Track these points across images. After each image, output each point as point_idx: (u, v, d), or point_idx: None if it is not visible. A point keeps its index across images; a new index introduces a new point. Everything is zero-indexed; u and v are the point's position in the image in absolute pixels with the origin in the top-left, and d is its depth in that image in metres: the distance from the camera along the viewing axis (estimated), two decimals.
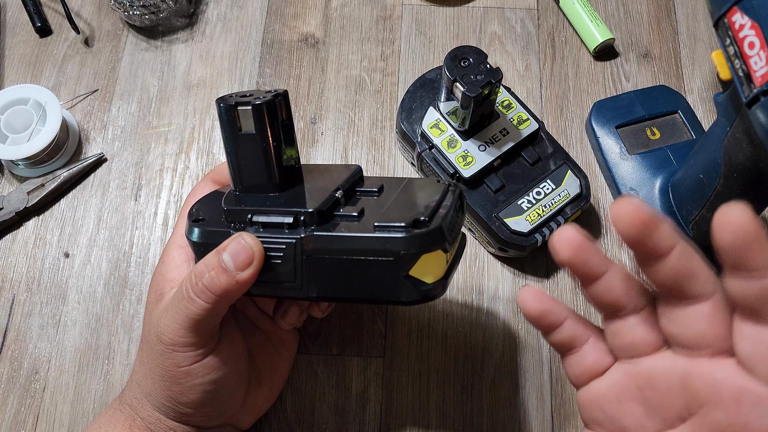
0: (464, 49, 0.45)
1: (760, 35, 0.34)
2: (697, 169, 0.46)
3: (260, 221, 0.35)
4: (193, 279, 0.35)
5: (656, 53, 0.59)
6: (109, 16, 0.62)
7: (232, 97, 0.36)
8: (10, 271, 0.52)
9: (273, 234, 0.35)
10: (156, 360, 0.37)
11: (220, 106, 0.35)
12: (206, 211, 0.38)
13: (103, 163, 0.56)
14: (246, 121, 0.35)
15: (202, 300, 0.34)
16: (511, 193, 0.49)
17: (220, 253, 0.34)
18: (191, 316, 0.35)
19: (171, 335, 0.36)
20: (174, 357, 0.36)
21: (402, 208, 0.35)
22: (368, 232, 0.33)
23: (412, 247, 0.33)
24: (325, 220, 0.35)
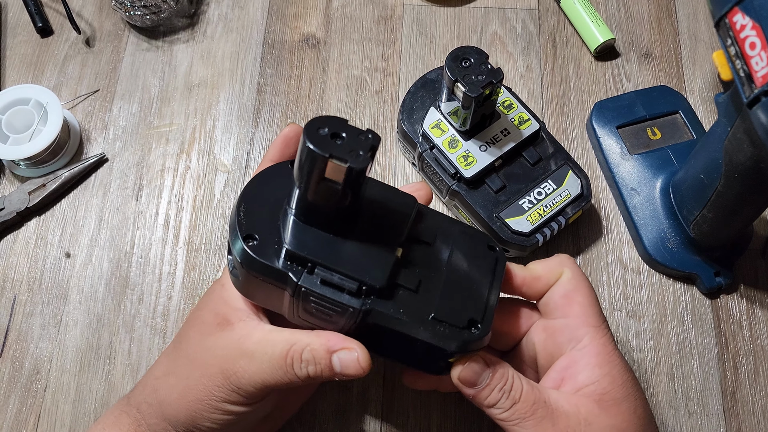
0: (465, 50, 0.45)
1: (761, 35, 0.34)
2: (697, 170, 0.46)
3: (322, 276, 0.34)
4: (299, 362, 0.35)
5: (657, 53, 0.59)
6: (110, 17, 0.62)
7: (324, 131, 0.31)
8: (12, 271, 0.52)
9: (331, 292, 0.34)
10: (205, 386, 0.36)
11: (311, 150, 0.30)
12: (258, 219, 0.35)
13: (105, 163, 0.56)
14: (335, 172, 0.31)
15: (298, 379, 0.35)
16: (512, 194, 0.49)
17: (332, 353, 0.34)
18: (279, 383, 0.35)
19: (245, 383, 0.35)
20: (230, 396, 0.36)
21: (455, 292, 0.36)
22: (424, 324, 0.34)
23: (462, 350, 0.35)
24: (385, 294, 0.34)
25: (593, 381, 0.36)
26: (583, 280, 0.38)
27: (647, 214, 0.51)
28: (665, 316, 0.50)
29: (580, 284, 0.38)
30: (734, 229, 0.47)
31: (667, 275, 0.51)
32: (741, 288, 0.51)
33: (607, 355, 0.36)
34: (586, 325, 0.37)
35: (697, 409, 0.48)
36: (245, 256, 0.34)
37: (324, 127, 0.31)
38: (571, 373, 0.37)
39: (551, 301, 0.38)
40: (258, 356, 0.35)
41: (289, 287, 0.34)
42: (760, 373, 0.49)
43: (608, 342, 0.37)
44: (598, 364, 0.36)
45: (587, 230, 0.53)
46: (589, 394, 0.36)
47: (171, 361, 0.39)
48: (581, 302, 0.38)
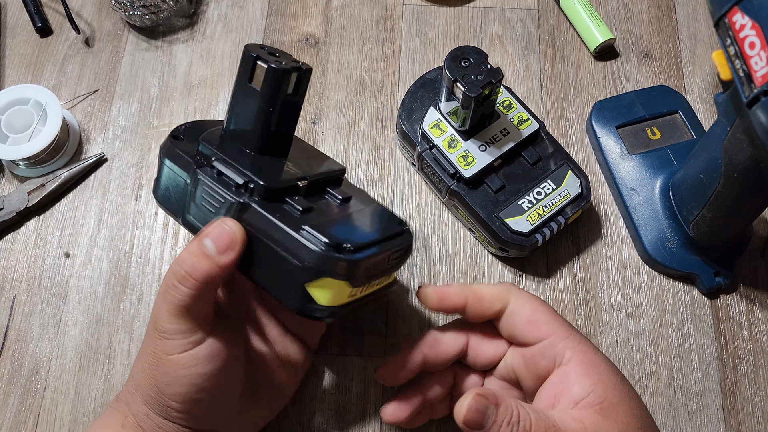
0: (465, 49, 0.45)
1: (760, 35, 0.34)
2: (697, 169, 0.46)
3: (218, 168, 0.36)
4: (175, 266, 0.35)
5: (657, 53, 0.59)
6: (109, 16, 0.62)
7: (264, 48, 0.37)
8: (11, 271, 0.52)
9: (221, 187, 0.36)
10: (149, 347, 0.38)
11: (245, 52, 0.36)
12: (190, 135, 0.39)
13: (104, 163, 0.56)
14: (258, 76, 0.36)
15: (185, 286, 0.35)
16: (511, 193, 0.49)
17: (202, 239, 0.35)
18: (177, 303, 0.36)
19: (161, 321, 0.36)
20: (164, 344, 0.37)
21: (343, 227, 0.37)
22: (293, 230, 0.34)
23: (319, 264, 0.34)
24: (271, 199, 0.36)
25: (588, 392, 0.36)
26: (533, 301, 0.39)
27: (647, 214, 0.51)
28: (665, 316, 0.50)
29: (534, 305, 0.39)
30: (734, 229, 0.47)
31: (666, 275, 0.51)
32: (740, 288, 0.51)
33: (591, 361, 0.37)
34: (560, 339, 0.38)
35: (696, 409, 0.48)
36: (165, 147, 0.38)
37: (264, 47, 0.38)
38: (563, 388, 0.37)
39: (517, 331, 0.39)
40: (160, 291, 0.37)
41: (189, 173, 0.37)
42: (760, 373, 0.49)
43: (587, 347, 0.38)
44: (587, 374, 0.37)
45: (587, 230, 0.53)
46: (589, 405, 0.36)
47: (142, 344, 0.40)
48: (546, 320, 0.38)
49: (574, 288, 0.51)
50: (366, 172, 0.55)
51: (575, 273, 0.52)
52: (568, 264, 0.52)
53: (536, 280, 0.51)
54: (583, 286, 0.51)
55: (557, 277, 0.52)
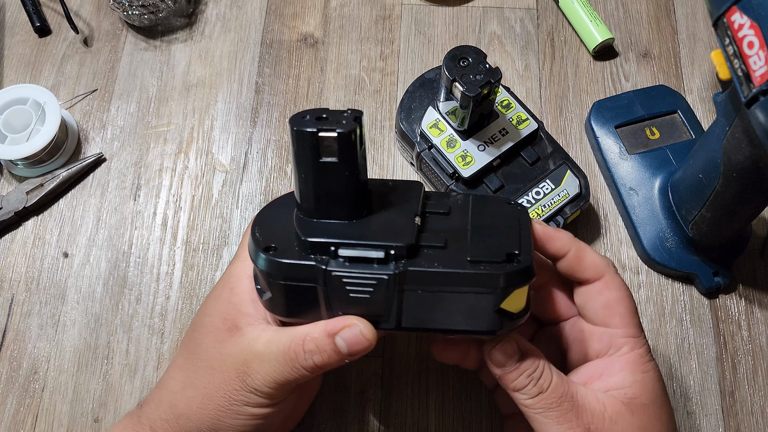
0: (463, 49, 0.45)
1: (759, 35, 0.34)
2: (696, 169, 0.46)
3: (347, 255, 0.33)
4: (302, 354, 0.34)
5: (656, 53, 0.59)
6: (108, 16, 0.61)
7: (307, 118, 0.33)
8: (9, 270, 0.52)
9: (361, 269, 0.33)
10: (224, 391, 0.36)
11: (297, 131, 0.33)
12: (274, 234, 0.36)
13: (102, 163, 0.56)
14: (329, 148, 0.33)
15: (307, 372, 0.35)
16: (510, 193, 0.49)
17: (333, 336, 0.34)
18: (290, 379, 0.35)
19: (260, 383, 0.35)
20: (249, 398, 0.36)
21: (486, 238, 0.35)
22: (463, 268, 0.33)
23: (509, 283, 0.33)
24: (414, 253, 0.34)
25: (625, 386, 0.36)
26: (623, 290, 0.38)
27: (646, 213, 0.51)
28: (664, 316, 0.50)
29: (621, 295, 0.38)
30: (733, 229, 0.47)
31: (665, 275, 0.51)
32: (739, 288, 0.51)
33: (642, 364, 0.37)
34: (625, 335, 0.37)
35: (695, 409, 0.48)
36: (269, 264, 0.34)
37: (306, 115, 0.34)
38: (603, 373, 0.37)
39: (592, 307, 0.38)
40: (266, 356, 0.35)
41: (321, 281, 0.34)
42: (759, 373, 0.49)
43: (645, 353, 0.38)
44: (632, 371, 0.37)
45: (586, 230, 0.53)
46: (619, 396, 0.36)
47: (186, 373, 0.38)
48: (622, 314, 0.38)
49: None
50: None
51: None
52: None
53: None
54: None
55: None
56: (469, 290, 0.33)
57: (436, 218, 0.37)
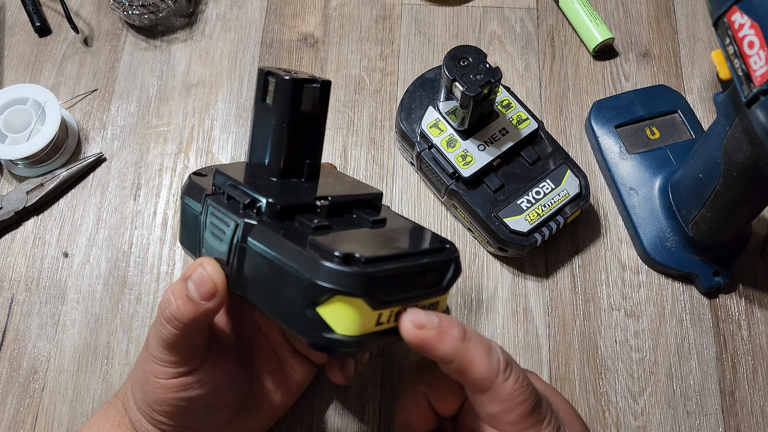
0: (463, 49, 0.45)
1: (759, 35, 0.34)
2: (696, 169, 0.46)
3: (227, 194, 0.35)
4: (163, 304, 0.35)
5: (656, 53, 0.59)
6: (108, 16, 0.61)
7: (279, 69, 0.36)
8: (9, 270, 0.52)
9: (228, 211, 0.34)
10: (141, 363, 0.37)
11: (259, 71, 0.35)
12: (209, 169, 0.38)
13: (102, 163, 0.56)
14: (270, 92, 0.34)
15: (170, 327, 0.35)
16: (510, 193, 0.49)
17: (186, 280, 0.34)
18: (165, 339, 0.35)
19: (152, 347, 0.36)
20: (153, 367, 0.36)
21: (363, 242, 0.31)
22: (298, 245, 0.30)
23: (325, 279, 0.29)
24: (283, 218, 0.33)
25: None
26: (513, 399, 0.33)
27: (646, 213, 0.51)
28: (664, 316, 0.50)
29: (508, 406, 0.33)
30: (733, 229, 0.47)
31: (665, 275, 0.51)
32: (740, 288, 0.51)
33: None
34: None
35: (695, 409, 0.48)
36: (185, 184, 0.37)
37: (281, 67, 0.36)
38: None
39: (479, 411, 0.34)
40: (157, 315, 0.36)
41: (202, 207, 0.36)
42: (759, 372, 0.49)
43: None
44: None
45: (586, 230, 0.53)
46: None
47: None
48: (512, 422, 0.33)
49: (573, 288, 0.51)
50: (365, 171, 0.55)
51: (574, 273, 0.52)
52: (567, 264, 0.52)
53: (535, 279, 0.51)
54: (582, 286, 0.51)
55: (556, 276, 0.51)
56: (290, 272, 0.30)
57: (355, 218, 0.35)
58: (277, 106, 0.34)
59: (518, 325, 0.50)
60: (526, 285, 0.51)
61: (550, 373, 0.49)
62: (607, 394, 0.48)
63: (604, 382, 0.48)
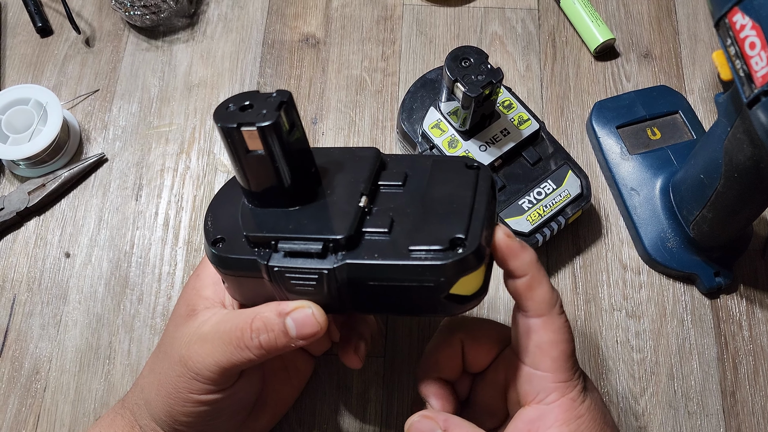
0: (465, 50, 0.45)
1: (761, 35, 0.34)
2: (697, 170, 0.46)
3: (286, 249, 0.33)
4: (249, 332, 0.34)
5: (657, 53, 0.59)
6: (109, 17, 0.62)
7: (230, 108, 0.32)
8: (11, 271, 0.52)
9: (302, 262, 0.33)
10: (170, 377, 0.36)
11: (221, 127, 0.31)
12: (223, 225, 0.35)
13: (104, 163, 0.56)
14: (253, 141, 0.32)
15: (253, 354, 0.34)
16: (511, 193, 0.49)
17: (284, 316, 0.33)
18: (233, 362, 0.34)
19: (200, 366, 0.35)
20: (191, 384, 0.35)
21: (434, 216, 0.33)
22: (403, 259, 0.32)
23: (451, 275, 0.32)
24: (355, 243, 0.33)
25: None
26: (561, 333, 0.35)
27: (647, 214, 0.51)
28: (665, 317, 0.50)
29: (556, 338, 0.35)
30: (734, 229, 0.47)
31: (666, 275, 0.51)
32: (741, 288, 0.51)
33: (574, 411, 0.35)
34: (555, 380, 0.35)
35: (696, 410, 0.48)
36: (215, 258, 0.34)
37: (230, 104, 0.32)
38: (538, 428, 0.35)
39: (524, 345, 0.36)
40: (211, 336, 0.35)
41: (265, 273, 0.33)
42: (760, 373, 0.49)
43: (578, 394, 0.35)
44: (566, 421, 0.35)
45: (587, 230, 0.53)
46: None
47: (152, 358, 0.39)
48: (554, 357, 0.35)
49: (574, 288, 0.51)
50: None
51: (575, 273, 0.52)
52: (569, 264, 0.52)
53: None
54: (583, 286, 0.51)
55: (557, 277, 0.51)
56: (412, 283, 0.32)
57: (388, 192, 0.35)
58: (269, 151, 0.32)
59: None
60: None
61: None
62: (608, 395, 0.48)
63: (605, 382, 0.48)
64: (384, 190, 0.35)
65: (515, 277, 0.35)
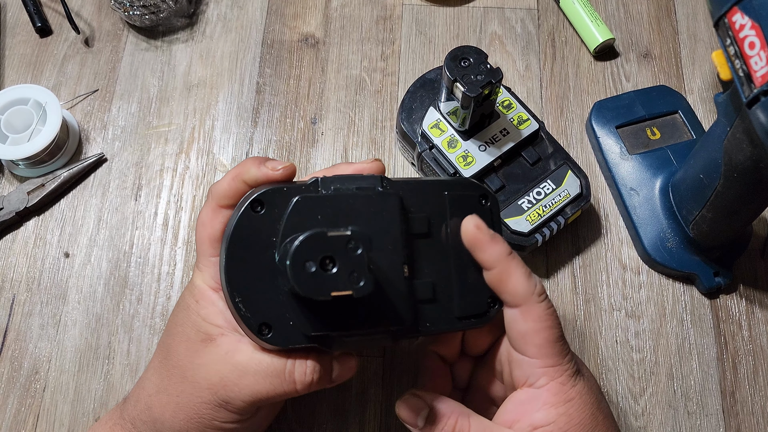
0: (464, 49, 0.45)
1: (760, 35, 0.34)
2: (697, 169, 0.46)
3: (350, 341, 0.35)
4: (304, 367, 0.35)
5: (656, 53, 0.59)
6: (109, 16, 0.62)
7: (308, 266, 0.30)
8: (11, 271, 0.52)
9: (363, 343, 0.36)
10: (194, 404, 0.36)
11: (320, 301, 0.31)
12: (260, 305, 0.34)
13: (104, 163, 0.56)
14: None
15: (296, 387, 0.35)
16: (511, 193, 0.49)
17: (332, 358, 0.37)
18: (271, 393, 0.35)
19: (233, 396, 0.35)
20: (218, 412, 0.36)
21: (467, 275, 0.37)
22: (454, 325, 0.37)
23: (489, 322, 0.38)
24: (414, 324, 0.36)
25: (549, 421, 0.35)
26: (542, 321, 0.36)
27: (646, 214, 0.51)
28: (664, 316, 0.50)
29: (538, 326, 0.35)
30: (733, 229, 0.47)
31: (666, 275, 0.51)
32: (740, 288, 0.51)
33: (564, 394, 0.36)
34: (543, 366, 0.36)
35: (696, 409, 0.48)
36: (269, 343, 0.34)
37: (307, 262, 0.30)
38: (527, 410, 0.36)
39: (510, 334, 0.37)
40: (251, 369, 0.35)
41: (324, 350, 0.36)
42: (760, 373, 0.49)
43: (568, 378, 0.36)
44: (554, 404, 0.35)
45: (586, 230, 0.53)
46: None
47: (161, 377, 0.38)
48: (539, 344, 0.35)
49: (573, 288, 0.51)
50: None
51: (575, 273, 0.52)
52: (568, 264, 0.52)
53: None
54: (582, 286, 0.51)
55: (557, 277, 0.51)
56: None
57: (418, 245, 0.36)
58: None
59: None
60: None
61: None
62: (607, 395, 0.48)
63: (604, 382, 0.48)
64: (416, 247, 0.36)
65: (487, 269, 0.36)
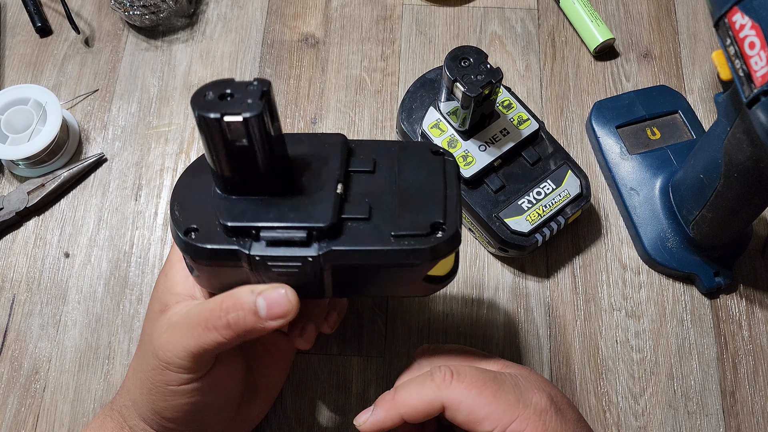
0: (464, 49, 0.45)
1: (760, 35, 0.34)
2: (697, 169, 0.46)
3: (268, 238, 0.33)
4: (217, 311, 0.33)
5: (656, 53, 0.59)
6: (109, 16, 0.62)
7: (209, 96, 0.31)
8: (11, 271, 0.52)
9: (285, 251, 0.33)
10: (147, 372, 0.36)
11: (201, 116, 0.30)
12: (194, 214, 0.35)
13: (104, 163, 0.56)
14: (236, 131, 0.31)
15: (220, 335, 0.33)
16: (511, 193, 0.49)
17: (255, 294, 0.33)
18: (202, 345, 0.34)
19: (170, 354, 0.35)
20: (165, 375, 0.35)
21: (410, 202, 0.35)
22: (387, 244, 0.33)
23: (434, 257, 0.34)
24: (338, 230, 0.33)
25: None
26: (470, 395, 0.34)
27: (647, 214, 0.51)
28: (665, 316, 0.50)
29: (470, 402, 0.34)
30: (734, 229, 0.47)
31: (666, 275, 0.51)
32: (740, 288, 0.51)
33: None
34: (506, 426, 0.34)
35: (696, 409, 0.48)
36: (191, 248, 0.34)
37: (208, 91, 0.31)
38: None
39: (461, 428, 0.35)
40: (180, 324, 0.35)
41: (245, 262, 0.33)
42: (760, 373, 0.49)
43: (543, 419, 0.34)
44: None
45: (586, 230, 0.53)
46: None
47: (134, 359, 0.40)
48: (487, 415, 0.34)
49: (573, 288, 0.51)
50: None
51: (575, 273, 0.52)
52: (568, 264, 0.52)
53: (536, 280, 0.51)
54: (582, 286, 0.51)
55: (557, 277, 0.51)
56: (395, 266, 0.34)
57: (360, 179, 0.36)
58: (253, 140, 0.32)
59: (519, 325, 0.50)
60: (527, 285, 0.51)
61: (551, 374, 0.49)
62: (608, 395, 0.48)
63: (605, 382, 0.48)
64: (356, 177, 0.36)
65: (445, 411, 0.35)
